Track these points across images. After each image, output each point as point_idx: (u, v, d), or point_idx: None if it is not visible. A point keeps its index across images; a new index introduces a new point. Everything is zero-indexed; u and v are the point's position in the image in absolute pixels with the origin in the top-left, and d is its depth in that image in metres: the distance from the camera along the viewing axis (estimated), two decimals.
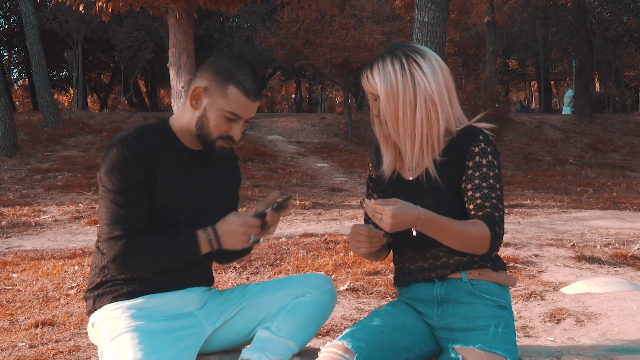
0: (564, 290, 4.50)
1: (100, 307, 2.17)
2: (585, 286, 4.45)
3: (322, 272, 5.07)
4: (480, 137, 2.14)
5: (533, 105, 47.06)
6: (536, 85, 45.89)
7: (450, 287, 2.21)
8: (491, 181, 2.13)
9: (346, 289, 4.50)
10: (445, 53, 15.56)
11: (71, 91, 33.26)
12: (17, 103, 40.29)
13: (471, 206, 2.13)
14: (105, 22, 22.39)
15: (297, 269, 5.21)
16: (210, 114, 2.14)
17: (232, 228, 2.10)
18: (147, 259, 2.09)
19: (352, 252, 2.02)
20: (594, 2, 30.54)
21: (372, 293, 4.44)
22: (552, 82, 43.67)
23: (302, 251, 5.88)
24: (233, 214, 2.13)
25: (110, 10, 9.37)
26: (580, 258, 5.49)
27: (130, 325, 2.07)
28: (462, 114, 2.21)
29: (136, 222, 2.09)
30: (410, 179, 2.23)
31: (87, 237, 7.97)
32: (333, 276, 4.97)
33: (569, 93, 28.36)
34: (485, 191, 2.12)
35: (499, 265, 2.24)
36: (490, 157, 2.13)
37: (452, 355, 2.09)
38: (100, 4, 9.26)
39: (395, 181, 2.26)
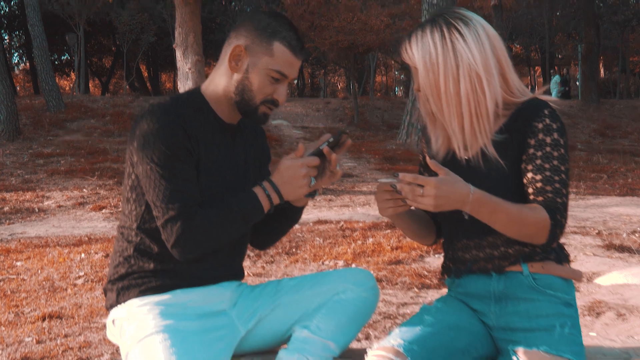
0: (598, 281, 4.27)
1: (124, 301, 1.93)
2: (621, 277, 4.22)
3: (342, 261, 4.85)
4: (545, 112, 1.89)
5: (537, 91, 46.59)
6: (540, 71, 45.52)
7: (510, 282, 1.97)
8: (555, 162, 1.87)
9: None
10: None
11: (72, 75, 32.98)
12: (17, 87, 39.96)
13: (530, 190, 1.88)
14: (107, 5, 22.13)
15: (314, 258, 4.98)
16: (253, 75, 1.91)
17: (290, 173, 1.88)
18: (211, 234, 1.85)
19: (381, 216, 1.81)
20: None
21: (396, 284, 4.21)
22: (556, 68, 43.32)
23: (318, 239, 5.64)
24: (285, 159, 1.90)
25: None
26: (609, 247, 5.26)
27: (160, 324, 1.83)
28: (522, 86, 1.96)
29: (191, 196, 1.85)
30: (465, 158, 1.98)
31: (91, 223, 7.75)
32: (353, 265, 4.74)
33: (556, 79, 28.03)
34: (548, 173, 1.87)
35: (563, 256, 2.00)
36: (555, 135, 1.88)
37: (514, 358, 1.86)
38: None
39: (449, 162, 2.01)
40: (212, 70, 2.02)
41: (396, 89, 50.44)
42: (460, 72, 1.86)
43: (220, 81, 1.96)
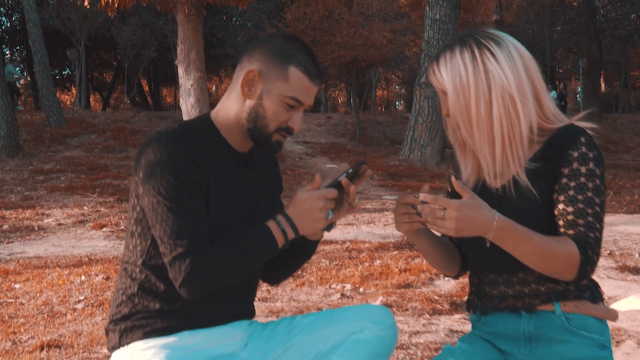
0: (615, 306, 4.13)
1: (127, 344, 1.79)
2: (639, 302, 4.09)
3: (349, 284, 4.71)
4: (582, 140, 1.77)
5: None
6: None
7: (541, 321, 1.83)
8: (589, 194, 1.74)
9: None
10: None
11: (73, 90, 32.97)
12: (19, 102, 39.93)
13: (561, 222, 1.75)
14: (108, 20, 22.10)
15: (321, 281, 4.85)
16: (267, 101, 1.79)
17: (306, 206, 1.75)
18: (222, 272, 1.72)
19: (388, 235, 1.69)
20: (604, 0, 30.19)
21: (407, 309, 4.07)
22: (556, 82, 43.37)
23: (324, 260, 5.51)
24: (301, 191, 1.77)
25: (116, 5, 9.00)
26: (623, 268, 5.13)
27: None
28: (557, 111, 1.84)
29: (200, 231, 1.72)
30: (495, 188, 1.86)
31: (92, 242, 7.62)
32: (361, 289, 4.60)
33: (552, 94, 28.07)
34: (580, 205, 1.74)
35: (598, 295, 1.87)
36: (591, 165, 1.75)
37: None
38: None
39: (479, 192, 1.87)
40: (223, 95, 1.90)
41: (396, 103, 50.46)
42: (493, 94, 1.74)
43: (231, 107, 1.84)
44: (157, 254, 1.77)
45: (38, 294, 4.83)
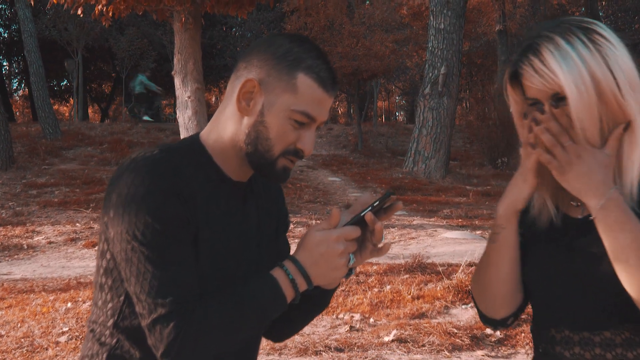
0: None
1: None
2: None
3: (358, 314, 4.32)
4: None
5: None
6: None
7: None
8: None
9: (392, 340, 3.74)
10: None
11: (71, 101, 32.70)
12: (17, 113, 39.67)
13: None
14: (106, 30, 21.82)
15: (327, 310, 4.46)
16: (270, 118, 1.41)
17: (321, 250, 1.38)
18: (214, 337, 1.34)
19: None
20: (608, 10, 29.99)
21: (423, 345, 3.69)
22: None
23: None
24: (314, 231, 1.40)
25: (110, 14, 8.64)
26: None
27: None
28: None
29: (187, 286, 1.34)
30: (580, 217, 1.48)
31: (83, 262, 7.23)
32: (371, 320, 4.21)
33: None
34: None
35: None
36: None
37: None
38: (100, 7, 8.52)
39: (559, 225, 1.48)
40: (215, 111, 1.52)
41: (397, 114, 50.26)
42: (621, 85, 1.38)
43: (226, 126, 1.46)
44: (133, 313, 1.40)
45: (19, 324, 4.44)
